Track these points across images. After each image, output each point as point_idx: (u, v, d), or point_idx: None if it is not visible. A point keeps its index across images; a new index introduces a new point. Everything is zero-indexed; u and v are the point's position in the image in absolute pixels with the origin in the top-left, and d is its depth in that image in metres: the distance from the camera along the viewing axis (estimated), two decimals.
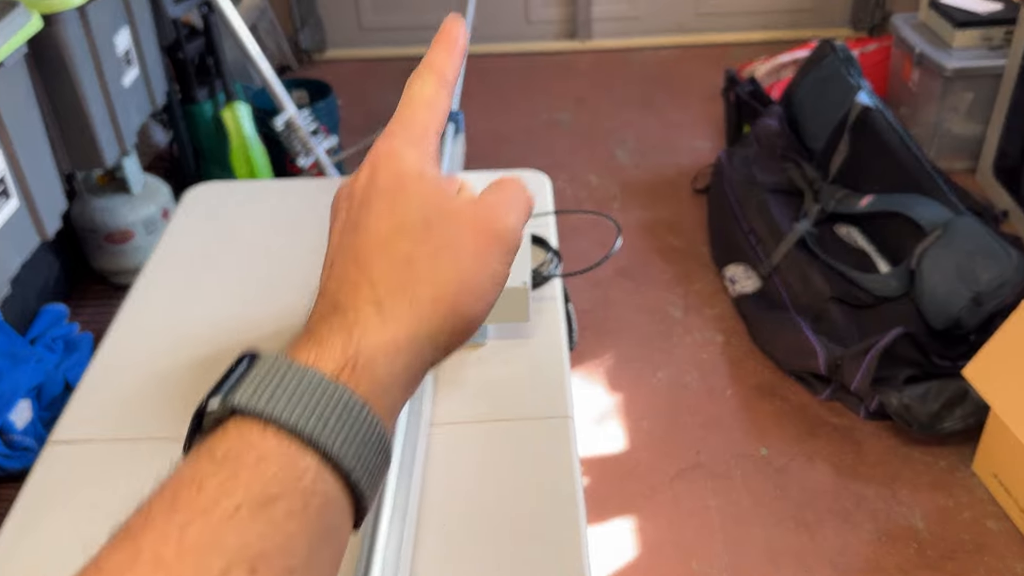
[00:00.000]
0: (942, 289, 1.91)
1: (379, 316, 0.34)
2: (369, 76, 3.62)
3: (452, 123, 1.28)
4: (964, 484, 1.78)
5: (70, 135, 1.74)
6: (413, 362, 0.34)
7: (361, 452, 0.31)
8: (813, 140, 2.48)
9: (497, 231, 0.37)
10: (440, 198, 0.38)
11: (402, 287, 0.34)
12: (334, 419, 0.30)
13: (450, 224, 0.37)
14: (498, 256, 0.37)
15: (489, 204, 0.38)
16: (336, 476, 0.31)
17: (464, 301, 0.35)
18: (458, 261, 0.36)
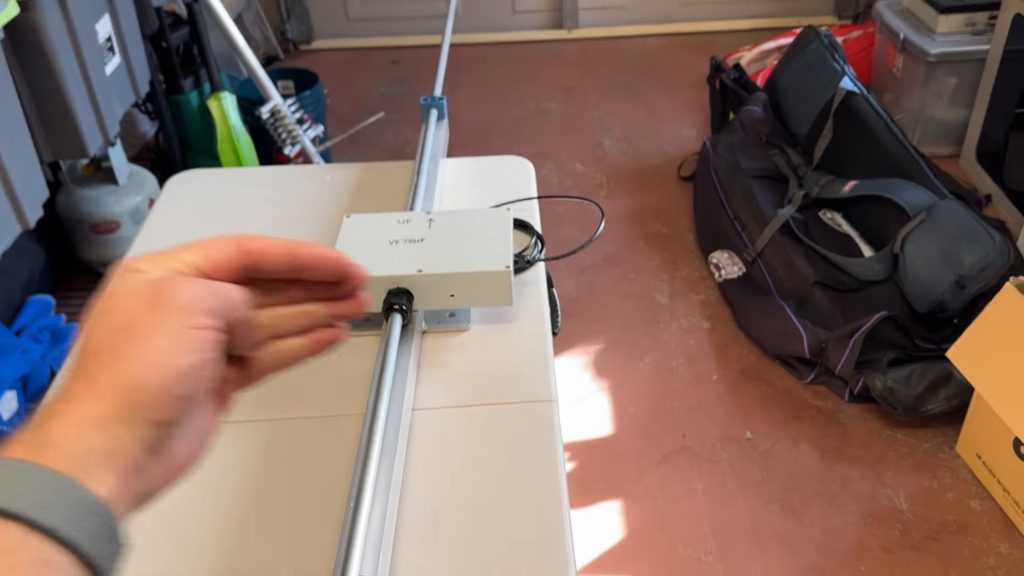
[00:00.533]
0: (926, 272, 1.92)
1: (67, 404, 0.36)
2: (355, 66, 3.61)
3: (435, 109, 1.28)
4: (948, 465, 1.79)
5: (51, 124, 1.73)
6: (109, 437, 0.36)
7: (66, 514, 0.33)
8: (797, 126, 2.49)
9: (168, 300, 0.38)
10: (126, 288, 0.40)
11: (86, 375, 0.37)
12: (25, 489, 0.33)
13: (127, 307, 0.39)
14: (173, 322, 0.38)
15: (167, 279, 0.40)
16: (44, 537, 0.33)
17: (146, 372, 0.37)
18: (134, 338, 0.37)
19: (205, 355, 0.39)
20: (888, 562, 1.61)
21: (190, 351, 0.38)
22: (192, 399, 0.39)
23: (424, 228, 0.97)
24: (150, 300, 0.38)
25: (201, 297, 0.39)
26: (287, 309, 0.46)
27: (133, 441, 0.36)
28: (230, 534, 0.75)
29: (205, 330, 0.39)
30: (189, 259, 0.41)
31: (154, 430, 0.37)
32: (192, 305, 0.39)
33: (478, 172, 1.28)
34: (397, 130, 3.09)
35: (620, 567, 1.62)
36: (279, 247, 0.44)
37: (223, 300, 0.40)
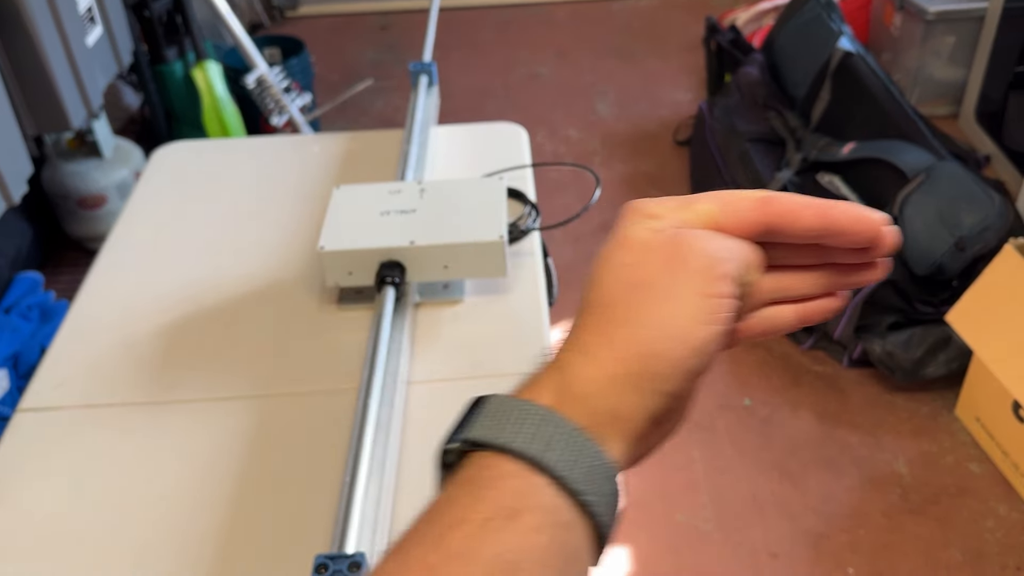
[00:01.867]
0: (925, 235, 1.90)
1: (583, 358, 0.35)
2: (343, 32, 3.55)
3: (426, 74, 1.25)
4: (947, 429, 1.79)
5: (33, 96, 1.70)
6: (622, 402, 0.35)
7: (588, 476, 0.33)
8: (795, 88, 2.45)
9: (688, 262, 0.35)
10: (640, 240, 0.37)
11: (601, 330, 0.35)
12: (558, 444, 0.33)
13: (644, 263, 0.36)
14: (692, 287, 0.35)
15: (685, 236, 0.36)
16: (569, 498, 0.32)
17: (662, 340, 0.34)
18: (650, 299, 0.35)
19: (722, 326, 0.35)
20: (888, 526, 1.61)
21: (709, 322, 0.35)
22: (702, 371, 0.36)
23: (416, 198, 0.94)
24: (669, 257, 0.35)
25: (723, 260, 0.36)
26: (795, 276, 0.40)
27: (641, 409, 0.35)
28: (225, 512, 0.74)
29: (724, 299, 0.35)
30: (707, 209, 0.38)
31: (663, 400, 0.35)
32: (713, 269, 0.35)
33: (470, 140, 1.25)
34: (387, 98, 3.05)
35: (620, 536, 1.62)
36: (811, 209, 0.38)
37: (744, 263, 0.37)
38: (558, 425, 0.33)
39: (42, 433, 0.83)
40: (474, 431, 0.34)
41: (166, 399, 0.86)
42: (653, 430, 0.36)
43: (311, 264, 1.01)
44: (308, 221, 1.08)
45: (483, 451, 0.33)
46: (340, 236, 0.90)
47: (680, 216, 0.37)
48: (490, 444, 0.33)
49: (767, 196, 0.38)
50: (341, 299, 0.96)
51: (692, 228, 0.37)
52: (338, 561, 0.61)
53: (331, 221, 0.93)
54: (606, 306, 0.36)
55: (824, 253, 0.40)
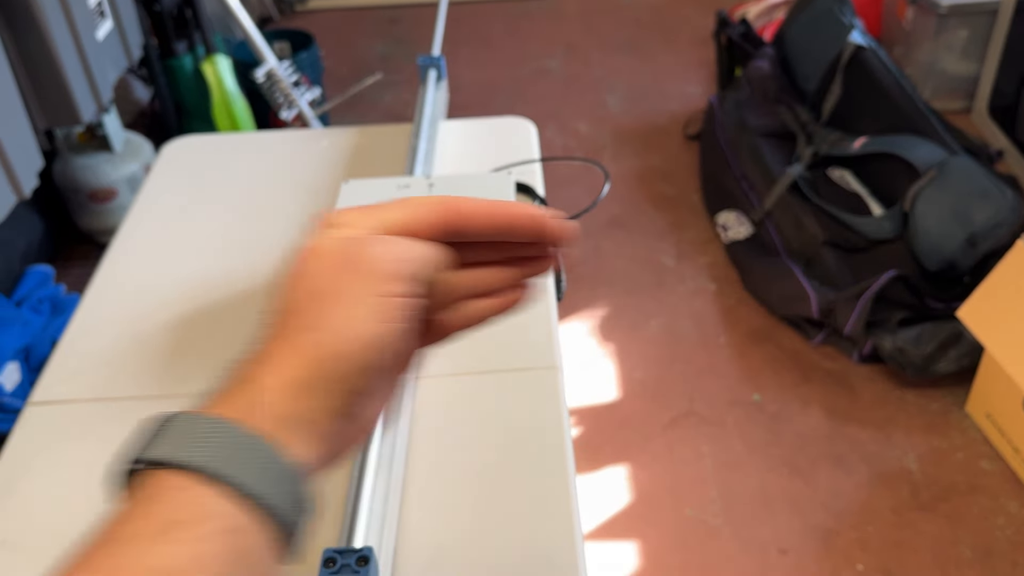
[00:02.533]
0: (936, 230, 1.89)
1: (263, 367, 0.36)
2: (352, 26, 3.55)
3: (434, 68, 1.25)
4: (958, 425, 1.78)
5: (44, 91, 1.70)
6: (303, 405, 0.36)
7: (262, 478, 0.33)
8: (806, 82, 2.44)
9: (359, 266, 0.37)
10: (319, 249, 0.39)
11: (285, 336, 0.37)
12: (227, 451, 0.34)
13: (321, 271, 0.38)
14: (363, 289, 0.37)
15: (358, 241, 0.38)
16: (242, 502, 0.33)
17: (338, 342, 0.36)
18: (327, 305, 0.37)
19: (399, 324, 0.37)
20: (897, 523, 1.60)
21: (384, 320, 0.37)
22: (385, 368, 0.37)
23: (424, 193, 0.94)
24: (344, 262, 0.37)
25: (397, 260, 0.38)
26: (482, 271, 0.43)
27: (324, 410, 0.36)
28: None
29: (400, 297, 0.37)
30: (393, 216, 0.40)
31: (346, 399, 0.36)
32: (387, 269, 0.37)
33: (479, 134, 1.25)
34: (396, 92, 3.05)
35: (627, 531, 1.62)
36: (486, 208, 0.41)
37: (421, 262, 0.39)
38: (230, 434, 0.34)
39: (53, 426, 0.83)
40: (149, 450, 0.34)
41: (177, 392, 0.87)
42: (344, 427, 0.37)
43: None
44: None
45: (159, 469, 0.34)
46: None
47: (366, 223, 0.39)
48: (169, 462, 0.34)
49: (444, 199, 0.41)
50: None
51: (376, 234, 0.39)
52: (346, 555, 0.61)
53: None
54: (288, 314, 0.38)
55: (510, 248, 0.43)
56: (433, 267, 0.40)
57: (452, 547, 0.71)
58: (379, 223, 0.39)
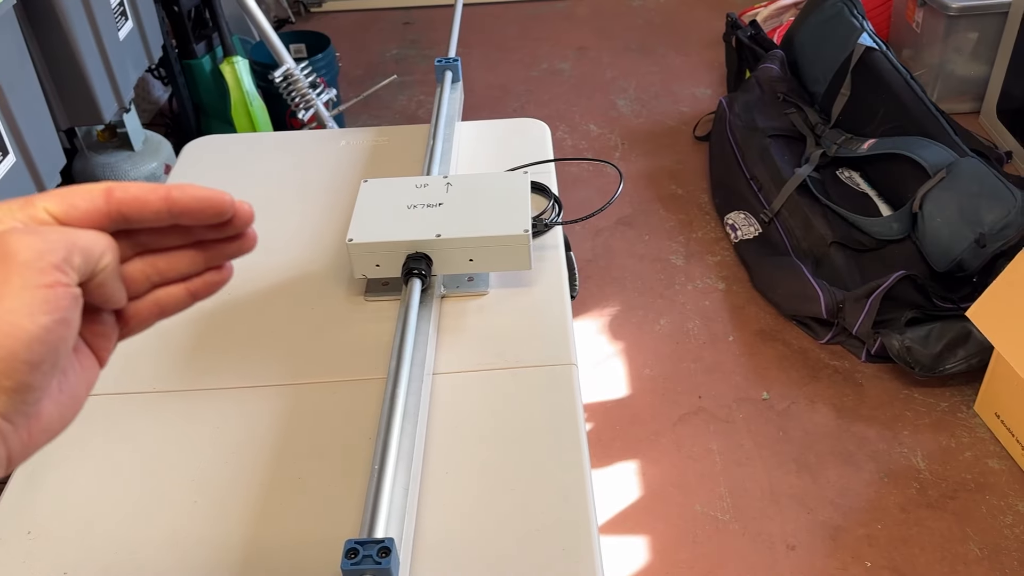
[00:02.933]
0: (945, 231, 1.90)
1: None
2: (368, 28, 3.58)
3: (450, 71, 1.27)
4: (966, 424, 1.79)
5: (66, 90, 1.73)
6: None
7: None
8: (815, 84, 2.46)
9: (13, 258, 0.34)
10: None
11: None
12: None
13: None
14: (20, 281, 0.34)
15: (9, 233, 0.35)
16: None
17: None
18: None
19: (59, 315, 0.34)
20: (905, 521, 1.62)
21: (40, 312, 0.34)
22: (50, 363, 0.35)
23: (442, 192, 0.97)
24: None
25: (51, 250, 0.35)
26: (164, 257, 0.42)
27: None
28: (256, 498, 0.77)
29: (57, 287, 0.34)
30: (47, 206, 0.38)
31: (9, 397, 0.34)
32: (40, 260, 0.34)
33: (494, 135, 1.27)
34: (410, 93, 3.07)
35: (637, 526, 1.64)
36: (153, 193, 0.40)
37: (80, 250, 0.36)
38: None
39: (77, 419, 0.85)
40: None
41: (197, 387, 0.89)
42: (16, 428, 0.35)
43: (339, 256, 1.03)
44: (336, 214, 1.11)
45: None
46: (368, 229, 0.93)
47: (20, 216, 0.37)
48: None
49: (110, 186, 0.39)
50: (368, 291, 0.98)
51: (24, 227, 0.36)
52: (368, 546, 0.63)
53: (359, 214, 0.95)
54: None
55: (191, 232, 0.42)
56: (93, 254, 0.37)
57: (470, 538, 0.73)
58: (35, 213, 0.38)
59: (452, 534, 0.73)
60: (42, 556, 0.73)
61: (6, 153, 1.47)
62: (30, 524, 0.75)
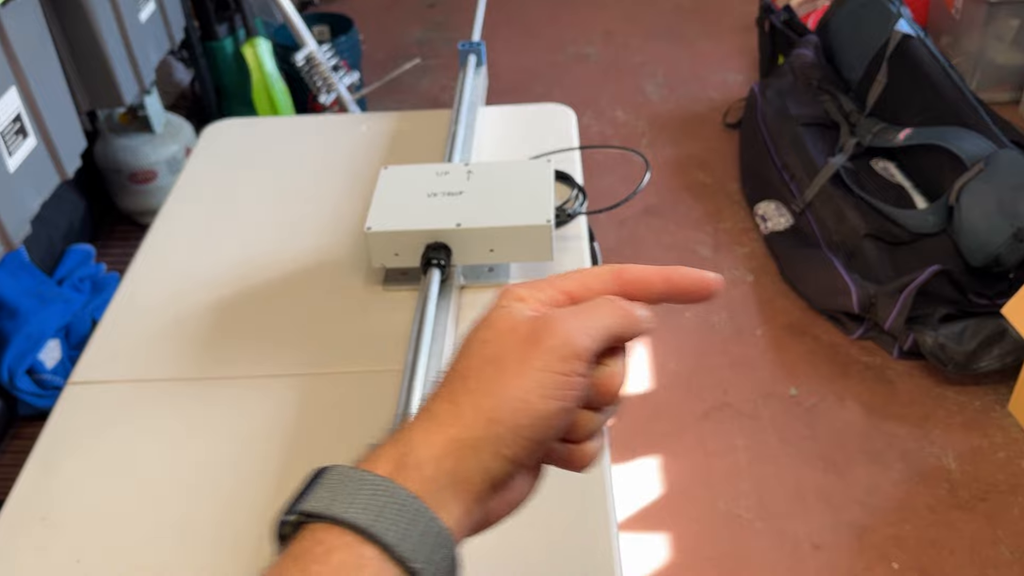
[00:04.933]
0: (982, 225, 1.85)
1: (428, 423, 0.37)
2: (391, 10, 3.55)
3: (474, 55, 1.24)
4: (999, 424, 1.74)
5: (87, 72, 1.72)
6: (461, 464, 0.36)
7: (419, 544, 0.34)
8: (850, 71, 2.39)
9: (542, 340, 0.38)
10: (504, 320, 0.40)
11: (451, 398, 0.38)
12: (390, 513, 0.34)
13: (502, 340, 0.39)
14: (541, 363, 0.37)
15: (546, 317, 0.39)
16: (398, 566, 0.33)
17: (505, 408, 0.37)
18: (501, 373, 0.37)
19: (566, 403, 0.38)
20: (934, 521, 1.58)
21: (552, 397, 0.37)
22: (543, 443, 0.38)
23: (463, 180, 0.94)
24: (526, 337, 0.38)
25: (575, 339, 0.38)
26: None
27: (480, 471, 0.37)
28: (271, 487, 0.75)
29: (572, 376, 0.38)
30: (566, 287, 0.41)
31: (503, 464, 0.37)
32: (564, 348, 0.37)
33: (517, 121, 1.24)
34: (433, 76, 3.04)
35: (659, 523, 1.61)
36: (656, 274, 0.43)
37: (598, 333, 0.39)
38: (392, 494, 0.35)
39: (93, 406, 0.84)
40: (308, 502, 0.35)
41: (214, 375, 0.87)
42: (494, 495, 0.38)
43: (357, 244, 1.01)
44: (355, 201, 1.08)
45: (317, 523, 0.34)
46: (387, 217, 0.90)
47: (542, 296, 0.41)
48: (323, 515, 0.34)
49: (619, 269, 0.42)
50: (387, 280, 0.96)
51: (555, 314, 0.39)
52: None
53: (378, 202, 0.93)
54: (459, 378, 0.39)
55: None
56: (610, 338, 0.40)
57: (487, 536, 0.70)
58: (555, 293, 0.41)
59: None
60: (56, 542, 0.72)
61: (27, 136, 1.46)
62: (45, 510, 0.75)
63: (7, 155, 1.40)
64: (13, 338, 1.71)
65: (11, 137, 1.41)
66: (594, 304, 0.40)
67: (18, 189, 1.43)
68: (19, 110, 1.43)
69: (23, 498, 0.76)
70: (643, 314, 0.42)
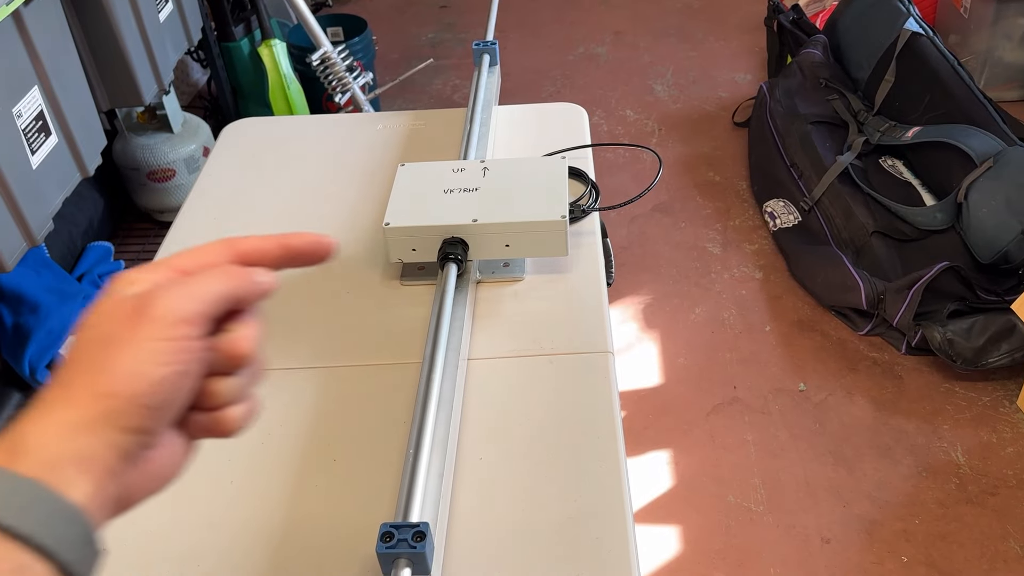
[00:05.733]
0: (991, 222, 1.86)
1: (40, 411, 0.37)
2: (404, 11, 3.57)
3: (487, 54, 1.26)
4: (1008, 420, 1.76)
5: (107, 72, 1.75)
6: (81, 443, 0.36)
7: (45, 520, 0.34)
8: (858, 70, 2.41)
9: (147, 312, 0.38)
10: (111, 302, 0.40)
11: (62, 383, 0.38)
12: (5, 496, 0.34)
13: (108, 320, 0.39)
14: (149, 333, 0.38)
15: (150, 292, 0.39)
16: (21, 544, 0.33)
17: (120, 381, 0.37)
18: (111, 349, 0.38)
19: (181, 367, 0.38)
20: (943, 516, 1.59)
21: (165, 363, 0.38)
22: (166, 410, 0.38)
23: (479, 177, 0.96)
24: (130, 313, 0.38)
25: (180, 306, 0.39)
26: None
27: (106, 447, 0.37)
28: (290, 480, 0.77)
29: (183, 340, 0.38)
30: (179, 264, 0.42)
31: (128, 436, 0.37)
32: (169, 315, 0.38)
33: (530, 119, 1.26)
34: (446, 77, 3.06)
35: (670, 515, 1.63)
36: (270, 242, 0.44)
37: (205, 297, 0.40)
38: (6, 479, 0.34)
39: None
40: None
41: None
42: (129, 468, 0.38)
43: (375, 240, 1.03)
44: (373, 198, 1.10)
45: None
46: (404, 213, 0.92)
47: (151, 277, 0.40)
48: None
49: (231, 240, 0.43)
50: (404, 275, 0.98)
51: (158, 287, 0.40)
52: (403, 530, 0.63)
53: (396, 198, 0.95)
54: (71, 363, 0.38)
55: None
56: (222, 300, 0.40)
57: (504, 525, 0.72)
58: (167, 272, 0.41)
59: (486, 520, 0.73)
60: None
61: (49, 134, 1.49)
62: None
63: (30, 153, 1.43)
64: (34, 333, 1.74)
65: (34, 135, 1.44)
66: (202, 273, 0.41)
67: (41, 186, 1.46)
68: (41, 108, 1.46)
69: None
70: (260, 277, 0.42)
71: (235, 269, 0.42)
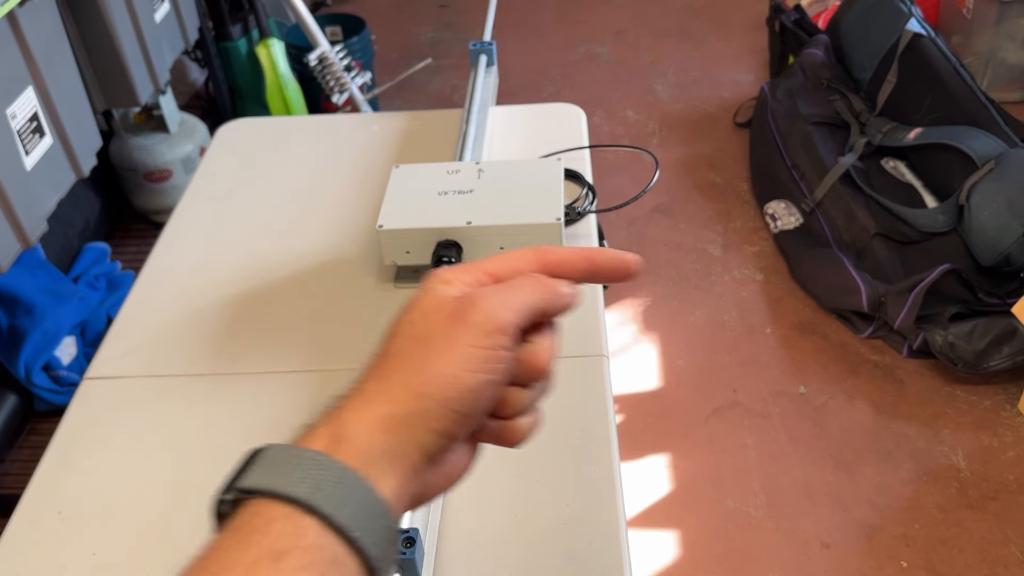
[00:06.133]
0: (992, 224, 1.85)
1: (360, 401, 0.39)
2: (403, 10, 3.56)
3: (484, 54, 1.25)
4: (1009, 424, 1.74)
5: (103, 72, 1.74)
6: (394, 438, 0.38)
7: (357, 513, 0.35)
8: (860, 70, 2.39)
9: (467, 317, 0.39)
10: (430, 300, 0.41)
11: (381, 377, 0.39)
12: (327, 485, 0.35)
13: (428, 320, 0.40)
14: (467, 339, 0.39)
15: (470, 295, 0.40)
16: (337, 536, 0.34)
17: (434, 383, 0.38)
18: (429, 350, 0.39)
19: (492, 376, 0.39)
20: (944, 521, 1.58)
21: (478, 370, 0.38)
22: (473, 416, 0.39)
23: (473, 179, 0.95)
24: (451, 315, 0.39)
25: (498, 314, 0.39)
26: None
27: (414, 446, 0.38)
28: None
29: (497, 350, 0.39)
30: (490, 268, 0.43)
31: (434, 438, 0.38)
32: (488, 323, 0.39)
33: (528, 120, 1.25)
34: (445, 76, 3.05)
35: (668, 520, 1.62)
36: (578, 255, 0.44)
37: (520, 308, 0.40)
38: (327, 467, 0.35)
39: (108, 401, 0.86)
40: (246, 480, 0.36)
41: (227, 371, 0.88)
42: (430, 468, 0.39)
43: (369, 242, 1.02)
44: (367, 199, 1.09)
45: (255, 498, 0.35)
46: (398, 215, 0.91)
47: (467, 278, 0.42)
48: (260, 491, 0.35)
49: (542, 250, 0.43)
50: (398, 277, 0.97)
51: (479, 291, 0.41)
52: None
53: (390, 200, 0.94)
54: (389, 357, 0.40)
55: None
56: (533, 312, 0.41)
57: (496, 530, 0.71)
58: (480, 275, 0.42)
59: (478, 525, 0.72)
60: (72, 536, 0.73)
61: (43, 135, 1.48)
62: (60, 504, 0.76)
63: (24, 154, 1.42)
64: (30, 335, 1.74)
65: (28, 136, 1.43)
66: (516, 281, 0.41)
67: (35, 187, 1.45)
68: (36, 109, 1.45)
69: (40, 492, 0.77)
70: (566, 290, 0.42)
71: (545, 280, 0.42)
